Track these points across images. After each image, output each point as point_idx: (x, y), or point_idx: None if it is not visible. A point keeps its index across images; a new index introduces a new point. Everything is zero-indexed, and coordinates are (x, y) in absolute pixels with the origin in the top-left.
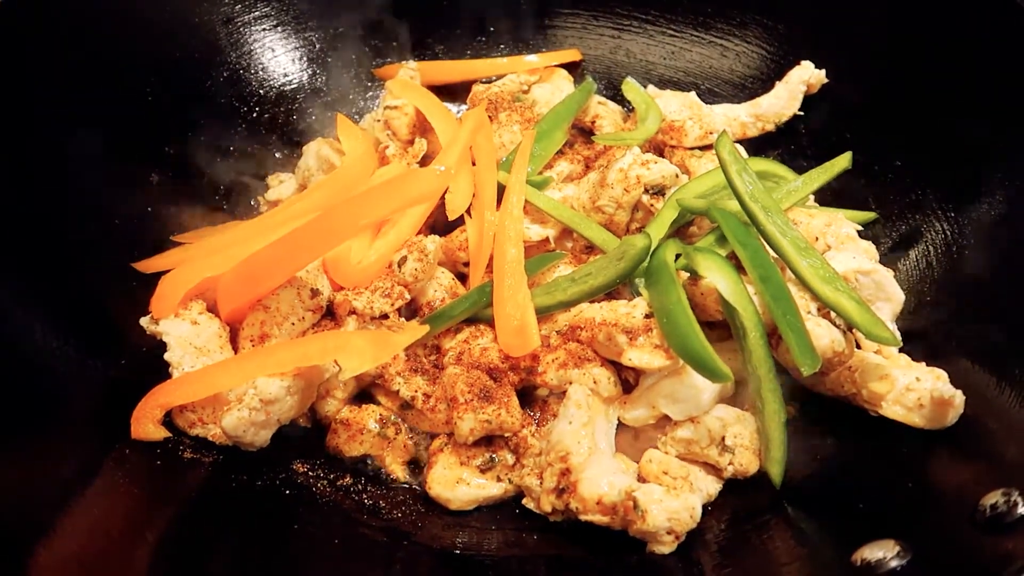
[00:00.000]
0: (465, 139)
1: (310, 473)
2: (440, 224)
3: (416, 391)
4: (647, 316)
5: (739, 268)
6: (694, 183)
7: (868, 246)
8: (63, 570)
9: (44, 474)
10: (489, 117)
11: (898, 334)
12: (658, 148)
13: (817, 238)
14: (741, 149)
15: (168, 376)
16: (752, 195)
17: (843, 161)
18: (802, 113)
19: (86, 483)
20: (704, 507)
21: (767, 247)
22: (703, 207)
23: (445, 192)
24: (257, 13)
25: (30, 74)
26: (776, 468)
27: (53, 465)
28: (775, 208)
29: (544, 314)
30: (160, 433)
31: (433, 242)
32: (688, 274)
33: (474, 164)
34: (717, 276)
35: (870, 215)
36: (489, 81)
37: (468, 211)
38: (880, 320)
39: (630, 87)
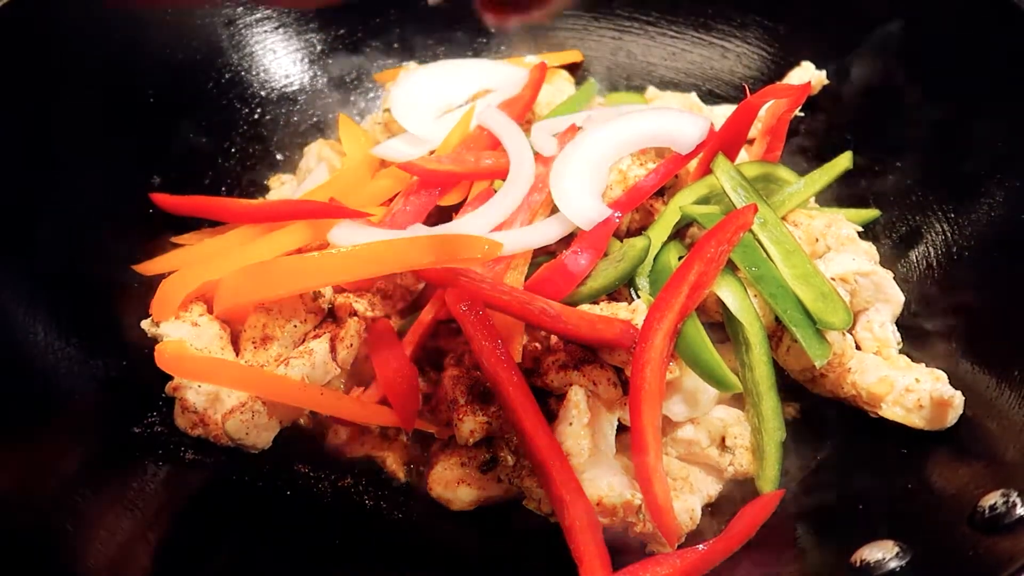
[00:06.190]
0: (456, 141)
1: (311, 474)
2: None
3: None
4: None
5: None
6: (694, 186)
7: (868, 247)
8: (64, 570)
9: (46, 474)
10: None
11: (898, 335)
12: (659, 149)
13: (817, 239)
14: (743, 154)
15: (169, 378)
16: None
17: (844, 161)
18: (803, 114)
19: (88, 483)
20: (703, 508)
21: (763, 247)
22: (700, 213)
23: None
24: (259, 15)
25: (33, 74)
26: (769, 487)
27: (55, 465)
28: (773, 220)
29: None
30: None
31: None
32: None
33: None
34: (724, 290)
35: (873, 213)
36: None
37: None
38: (837, 309)
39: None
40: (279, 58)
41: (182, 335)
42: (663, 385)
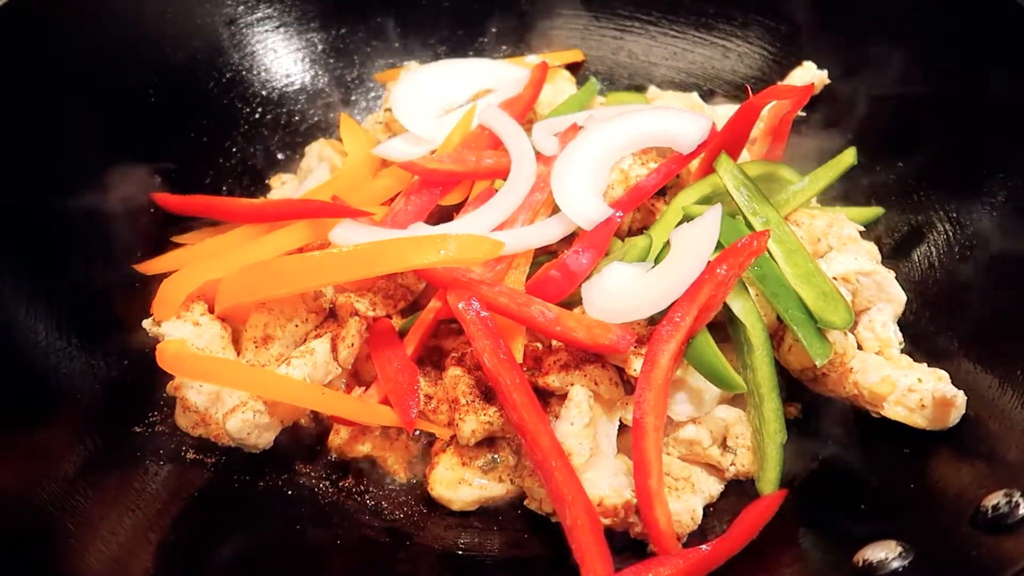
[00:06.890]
0: (457, 141)
1: (312, 474)
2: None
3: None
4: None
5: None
6: (696, 186)
7: (870, 247)
8: (65, 570)
9: (48, 473)
10: None
11: (900, 335)
12: (661, 149)
13: (819, 239)
14: (745, 154)
15: (170, 378)
16: (753, 209)
17: (848, 157)
18: (804, 114)
19: (89, 483)
20: (705, 508)
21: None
22: (702, 213)
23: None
24: (260, 14)
25: (34, 74)
26: (770, 489)
27: (56, 465)
28: (775, 219)
29: None
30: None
31: None
32: None
33: None
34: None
35: (875, 211)
36: None
37: None
38: (838, 308)
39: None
40: (280, 57)
41: (183, 335)
42: (666, 404)
